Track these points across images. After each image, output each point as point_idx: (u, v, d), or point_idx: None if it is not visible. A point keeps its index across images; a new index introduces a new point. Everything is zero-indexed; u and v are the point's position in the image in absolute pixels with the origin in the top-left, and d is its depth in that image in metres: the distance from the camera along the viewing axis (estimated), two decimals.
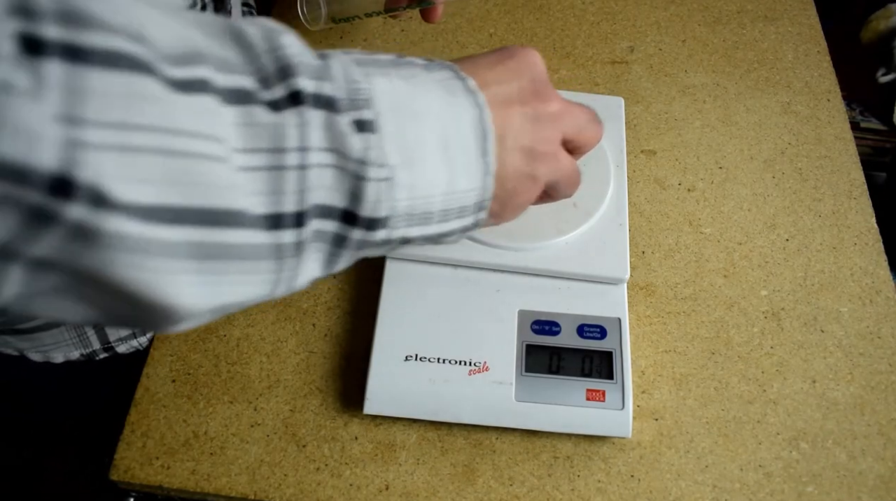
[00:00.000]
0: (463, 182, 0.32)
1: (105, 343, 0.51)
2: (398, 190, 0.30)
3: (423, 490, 0.46)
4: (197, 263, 0.25)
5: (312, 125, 0.27)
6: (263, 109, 0.26)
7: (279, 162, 0.27)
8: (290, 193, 0.27)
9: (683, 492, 0.47)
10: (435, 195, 0.32)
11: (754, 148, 0.64)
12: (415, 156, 0.30)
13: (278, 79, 0.27)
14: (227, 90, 0.26)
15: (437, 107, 0.32)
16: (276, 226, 0.27)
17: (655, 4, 0.74)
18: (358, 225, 0.30)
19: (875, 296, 0.55)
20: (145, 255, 0.23)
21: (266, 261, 0.28)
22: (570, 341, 0.48)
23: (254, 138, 0.26)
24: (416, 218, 0.32)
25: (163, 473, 0.46)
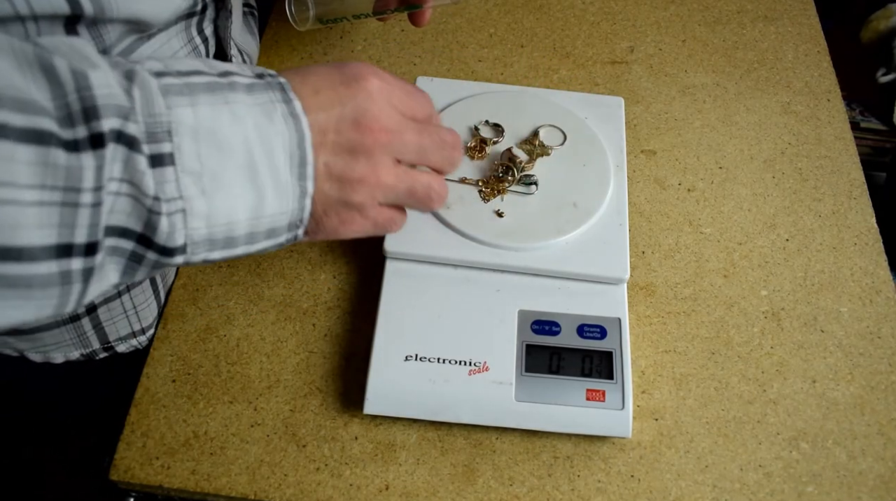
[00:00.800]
0: (272, 206, 0.33)
1: (105, 342, 0.51)
2: (194, 219, 0.31)
3: (423, 490, 0.46)
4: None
5: (113, 159, 0.28)
6: (61, 150, 0.27)
7: (73, 199, 0.28)
8: (81, 226, 0.28)
9: (683, 492, 0.47)
10: (238, 221, 0.32)
11: (754, 148, 0.64)
12: (213, 185, 0.31)
13: (82, 119, 0.28)
14: (25, 131, 0.26)
15: (246, 135, 0.32)
16: (65, 255, 0.28)
17: (655, 4, 0.74)
18: (153, 249, 0.31)
19: (875, 296, 0.55)
20: None
21: (50, 288, 0.29)
22: (570, 341, 0.48)
23: (48, 176, 0.27)
24: (218, 243, 0.33)
25: (163, 473, 0.46)
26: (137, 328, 0.52)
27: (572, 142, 0.55)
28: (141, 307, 0.51)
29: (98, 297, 0.32)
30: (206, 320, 0.52)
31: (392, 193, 0.38)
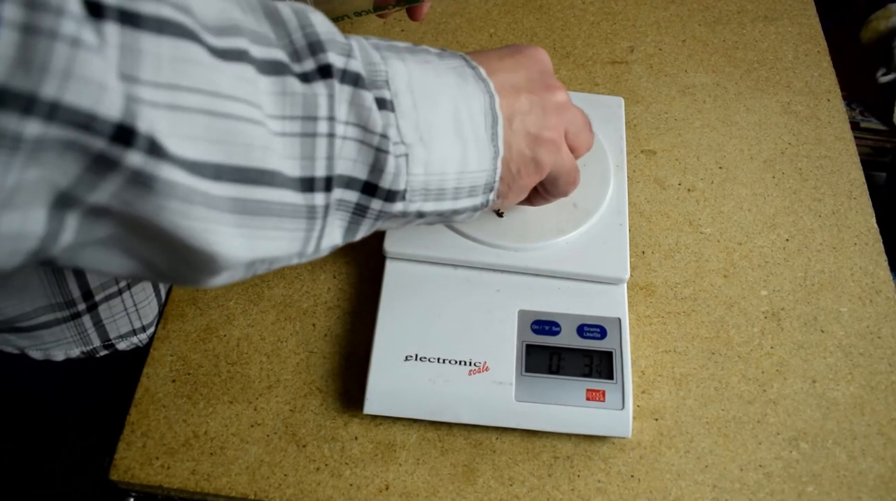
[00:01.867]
0: (474, 163, 0.34)
1: (105, 340, 0.51)
2: (414, 165, 0.32)
3: (423, 490, 0.46)
4: (237, 217, 0.27)
5: (340, 98, 0.29)
6: (296, 80, 0.28)
7: (311, 129, 0.29)
8: (320, 159, 0.29)
9: (683, 492, 0.47)
10: (448, 173, 0.34)
11: (754, 148, 0.64)
12: (429, 135, 0.32)
13: (309, 53, 0.29)
14: (263, 61, 0.27)
15: (450, 91, 0.33)
16: (308, 189, 0.29)
17: (655, 4, 0.74)
18: (377, 195, 0.32)
19: (875, 296, 0.55)
20: (192, 205, 0.25)
21: (299, 220, 0.30)
22: (570, 341, 0.48)
23: (288, 106, 0.28)
24: (432, 193, 0.34)
25: (163, 473, 0.46)
26: (138, 325, 0.52)
27: None
28: (142, 305, 0.51)
29: (325, 252, 0.33)
30: (206, 320, 0.52)
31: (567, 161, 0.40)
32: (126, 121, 0.22)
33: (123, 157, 0.22)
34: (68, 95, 0.20)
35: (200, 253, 0.27)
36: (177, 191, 0.24)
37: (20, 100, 0.20)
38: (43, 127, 0.21)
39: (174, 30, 0.23)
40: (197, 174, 0.25)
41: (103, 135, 0.22)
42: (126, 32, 0.22)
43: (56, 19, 0.20)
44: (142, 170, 0.23)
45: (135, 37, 0.22)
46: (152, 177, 0.23)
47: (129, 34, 0.22)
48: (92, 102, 0.21)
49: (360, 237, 0.34)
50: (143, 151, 0.23)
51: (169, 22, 0.23)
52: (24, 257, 0.24)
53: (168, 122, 0.23)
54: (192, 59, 0.24)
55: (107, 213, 0.24)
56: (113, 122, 0.22)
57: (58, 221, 0.23)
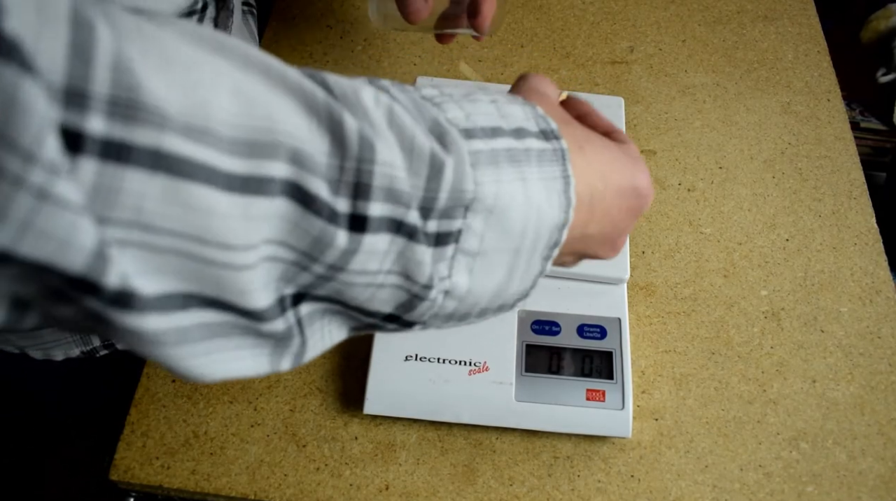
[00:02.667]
0: (514, 287, 0.31)
1: (105, 339, 0.51)
2: (450, 300, 0.29)
3: (423, 490, 0.46)
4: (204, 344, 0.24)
5: (384, 253, 0.25)
6: (320, 220, 0.24)
7: (306, 263, 0.25)
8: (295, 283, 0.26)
9: (683, 492, 0.47)
10: (482, 300, 0.30)
11: (754, 148, 0.64)
12: (482, 267, 0.28)
13: (350, 193, 0.24)
14: (292, 188, 0.23)
15: (528, 217, 0.29)
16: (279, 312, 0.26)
17: (655, 4, 0.74)
18: (397, 322, 0.29)
19: (875, 296, 0.55)
20: (154, 344, 0.22)
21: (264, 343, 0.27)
22: (570, 341, 0.48)
23: (296, 238, 0.24)
24: (455, 317, 0.30)
25: (163, 473, 0.46)
26: None
27: None
28: None
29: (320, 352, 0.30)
30: None
31: None
32: (90, 275, 0.19)
33: (83, 301, 0.20)
34: (24, 247, 0.18)
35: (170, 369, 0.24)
36: (141, 336, 0.22)
37: None
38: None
39: (173, 167, 0.20)
40: (165, 310, 0.22)
41: (62, 280, 0.19)
42: (106, 170, 0.19)
43: (23, 166, 0.17)
44: (101, 315, 0.21)
45: (116, 175, 0.19)
46: (113, 322, 0.21)
47: (109, 172, 0.19)
48: (51, 255, 0.18)
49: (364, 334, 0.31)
50: (107, 302, 0.20)
51: (168, 157, 0.20)
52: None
53: (141, 262, 0.21)
54: (189, 201, 0.20)
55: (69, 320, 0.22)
56: (74, 276, 0.19)
57: (18, 314, 0.22)
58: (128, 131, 0.19)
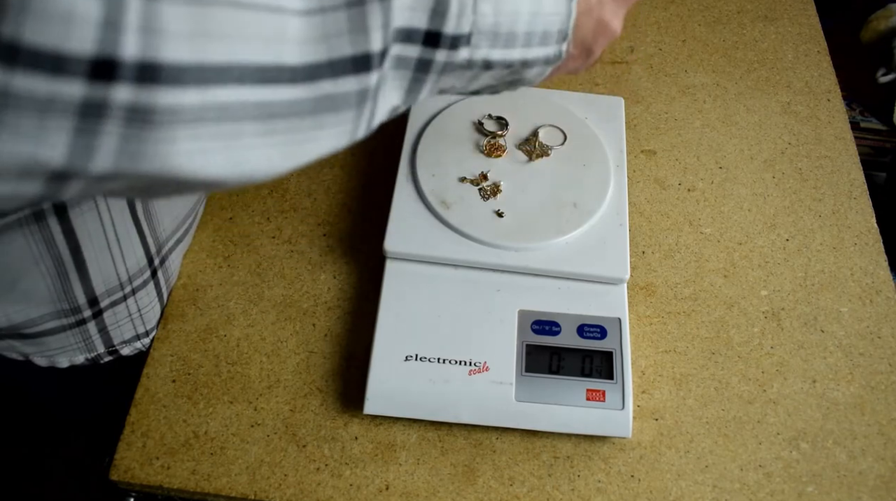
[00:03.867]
0: (548, 4, 0.31)
1: (110, 346, 0.51)
2: (483, 3, 0.28)
3: (423, 490, 0.46)
4: (263, 124, 0.23)
5: None
6: None
7: None
8: (375, 29, 0.25)
9: (683, 492, 0.47)
10: (521, 13, 0.30)
11: (754, 148, 0.64)
12: None
13: None
14: None
15: None
16: (363, 69, 0.25)
17: (655, 4, 0.74)
18: (441, 45, 0.28)
19: (875, 296, 0.55)
20: (203, 125, 0.21)
21: (346, 112, 0.25)
22: (570, 341, 0.48)
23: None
24: (501, 37, 0.30)
25: (163, 473, 0.46)
26: (142, 331, 0.52)
27: (572, 142, 0.55)
28: (145, 310, 0.51)
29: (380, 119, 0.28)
30: (206, 320, 0.52)
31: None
32: (104, 53, 0.18)
33: (111, 98, 0.19)
34: (27, 33, 0.17)
35: (230, 182, 0.23)
36: (187, 113, 0.20)
37: None
38: (5, 75, 0.17)
39: None
40: (203, 83, 0.20)
41: (80, 74, 0.18)
42: None
43: None
44: (134, 104, 0.19)
45: None
46: (150, 109, 0.19)
47: None
48: (58, 38, 0.17)
49: (423, 98, 0.30)
50: (132, 81, 0.19)
51: None
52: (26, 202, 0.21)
53: (165, 18, 0.19)
54: None
55: (109, 180, 0.21)
56: (88, 58, 0.18)
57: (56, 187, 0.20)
58: None
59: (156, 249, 0.49)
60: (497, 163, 0.54)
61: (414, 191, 0.52)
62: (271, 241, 0.56)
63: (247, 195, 0.58)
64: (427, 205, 0.51)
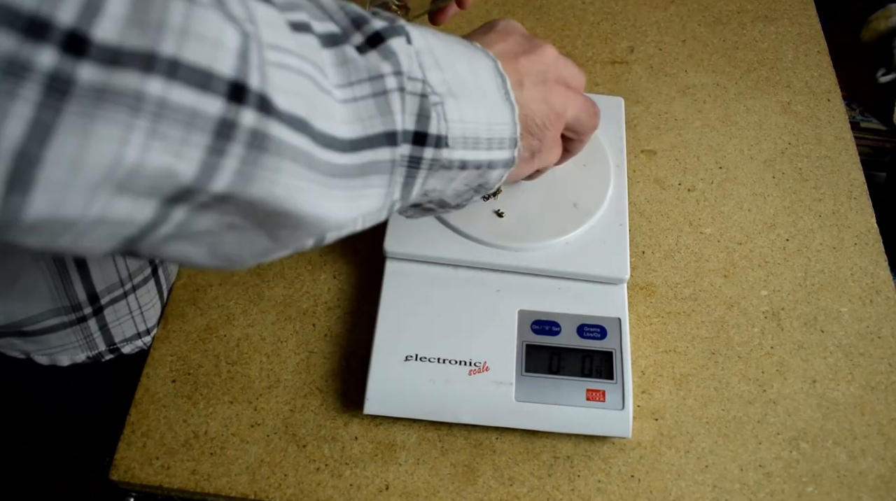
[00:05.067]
0: (498, 115, 0.36)
1: (111, 344, 0.51)
2: (450, 111, 0.33)
3: (423, 490, 0.46)
4: (336, 179, 0.28)
5: (399, 53, 0.31)
6: (353, 50, 0.30)
7: (381, 87, 0.30)
8: (397, 113, 0.30)
9: (683, 492, 0.47)
10: (480, 122, 0.35)
11: (754, 148, 0.64)
12: (456, 88, 0.33)
13: (354, 28, 0.30)
14: (322, 34, 0.28)
15: (461, 55, 0.35)
16: (392, 143, 0.31)
17: (655, 4, 0.74)
18: (428, 143, 0.32)
19: (875, 296, 0.55)
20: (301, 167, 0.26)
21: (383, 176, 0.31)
22: (570, 341, 0.48)
23: (352, 73, 0.29)
24: (470, 141, 0.35)
25: (163, 473, 0.46)
26: (143, 328, 0.52)
27: None
28: (146, 307, 0.51)
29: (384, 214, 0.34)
30: (206, 320, 0.52)
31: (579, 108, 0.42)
32: (239, 77, 0.22)
33: (239, 117, 0.23)
34: (187, 52, 0.21)
35: (308, 218, 0.28)
36: (287, 150, 0.25)
37: (138, 59, 0.20)
38: (164, 86, 0.21)
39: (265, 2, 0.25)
40: (302, 132, 0.26)
41: (221, 92, 0.22)
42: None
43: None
44: (256, 129, 0.23)
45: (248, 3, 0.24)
46: (266, 137, 0.24)
47: None
48: (209, 59, 0.21)
49: (414, 197, 0.35)
50: (255, 108, 0.23)
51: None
52: (118, 243, 0.24)
53: (274, 76, 0.24)
54: (280, 23, 0.25)
55: (216, 203, 0.24)
56: (229, 79, 0.22)
57: (165, 213, 0.24)
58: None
59: None
60: None
61: None
62: None
63: None
64: None
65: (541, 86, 0.39)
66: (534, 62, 0.39)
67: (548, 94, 0.39)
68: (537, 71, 0.39)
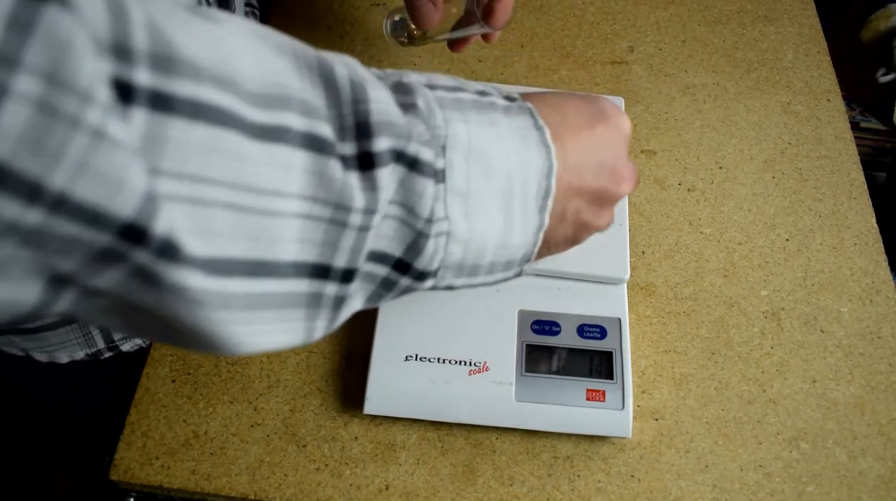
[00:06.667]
0: (517, 237, 0.32)
1: (110, 342, 0.51)
2: (454, 244, 0.30)
3: (423, 490, 0.46)
4: (244, 313, 0.25)
5: (384, 184, 0.27)
6: (337, 163, 0.26)
7: (342, 218, 0.26)
8: (343, 250, 0.27)
9: (683, 492, 0.47)
10: (487, 248, 0.31)
11: (754, 148, 0.64)
12: (476, 209, 0.30)
13: (354, 135, 0.26)
14: (306, 136, 0.25)
15: (508, 158, 0.31)
16: (320, 276, 0.27)
17: (655, 4, 0.74)
18: (408, 274, 0.30)
19: (875, 296, 0.55)
20: (199, 305, 0.23)
21: (297, 309, 0.27)
22: (570, 341, 0.48)
23: (321, 189, 0.25)
24: (465, 269, 0.32)
25: (163, 473, 0.46)
26: None
27: None
28: None
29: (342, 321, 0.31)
30: None
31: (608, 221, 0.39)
32: (139, 220, 0.20)
33: (131, 254, 0.21)
34: (79, 189, 0.19)
35: (204, 342, 0.25)
36: (186, 294, 0.22)
37: (23, 185, 0.18)
38: (45, 218, 0.19)
39: (210, 115, 0.21)
40: (211, 273, 0.23)
41: (111, 231, 0.20)
42: (155, 120, 0.20)
43: (80, 105, 0.18)
44: (149, 270, 0.21)
45: (164, 124, 0.20)
46: (160, 278, 0.22)
47: (157, 121, 0.20)
48: (105, 199, 0.19)
49: (380, 304, 0.33)
50: (154, 252, 0.21)
51: (205, 106, 0.21)
52: (15, 318, 0.23)
53: (188, 217, 0.22)
54: (224, 147, 0.22)
55: (106, 294, 0.23)
56: (124, 222, 0.20)
57: (53, 294, 0.22)
58: (170, 83, 0.20)
59: None
60: None
61: None
62: None
63: None
64: None
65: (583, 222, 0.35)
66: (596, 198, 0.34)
67: (583, 231, 0.35)
68: (594, 209, 0.35)
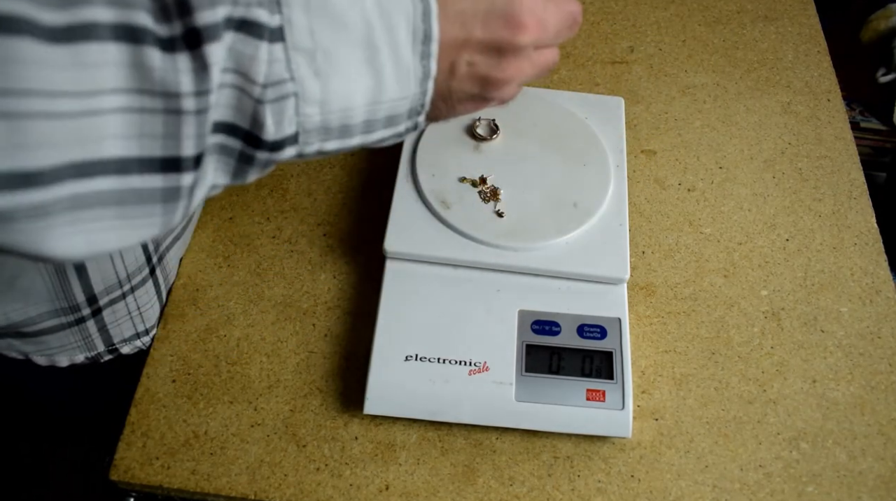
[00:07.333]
0: (392, 90, 0.29)
1: (109, 344, 0.51)
2: (306, 105, 0.28)
3: (423, 490, 0.46)
4: (71, 214, 0.24)
5: (216, 59, 0.25)
6: (154, 51, 0.24)
7: (175, 105, 0.25)
8: (189, 138, 0.26)
9: (683, 492, 0.47)
10: (355, 107, 0.29)
11: (754, 148, 0.64)
12: (328, 65, 0.27)
13: (178, 13, 0.24)
14: (116, 27, 0.23)
15: (364, 6, 0.28)
16: (172, 169, 0.26)
17: (655, 4, 0.74)
18: (262, 147, 0.28)
19: (875, 296, 0.55)
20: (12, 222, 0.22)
21: (154, 205, 0.26)
22: (570, 341, 0.48)
23: (143, 80, 0.24)
24: (333, 131, 0.29)
25: (163, 473, 0.46)
26: (141, 329, 0.52)
27: (572, 142, 0.55)
28: (145, 308, 0.51)
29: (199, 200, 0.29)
30: (206, 320, 0.52)
31: (526, 80, 0.35)
32: None
33: None
34: None
35: (31, 256, 0.25)
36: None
37: None
38: None
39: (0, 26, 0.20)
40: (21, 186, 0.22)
41: None
42: None
43: None
44: None
45: None
46: None
47: None
48: None
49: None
50: None
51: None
52: None
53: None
54: (21, 57, 0.21)
55: None
56: None
57: None
58: None
59: (153, 246, 0.49)
60: (497, 163, 0.54)
61: (414, 191, 0.52)
62: (271, 241, 0.56)
63: (247, 195, 0.58)
64: (427, 205, 0.51)
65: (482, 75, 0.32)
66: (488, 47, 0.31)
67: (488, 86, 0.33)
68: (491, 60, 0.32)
